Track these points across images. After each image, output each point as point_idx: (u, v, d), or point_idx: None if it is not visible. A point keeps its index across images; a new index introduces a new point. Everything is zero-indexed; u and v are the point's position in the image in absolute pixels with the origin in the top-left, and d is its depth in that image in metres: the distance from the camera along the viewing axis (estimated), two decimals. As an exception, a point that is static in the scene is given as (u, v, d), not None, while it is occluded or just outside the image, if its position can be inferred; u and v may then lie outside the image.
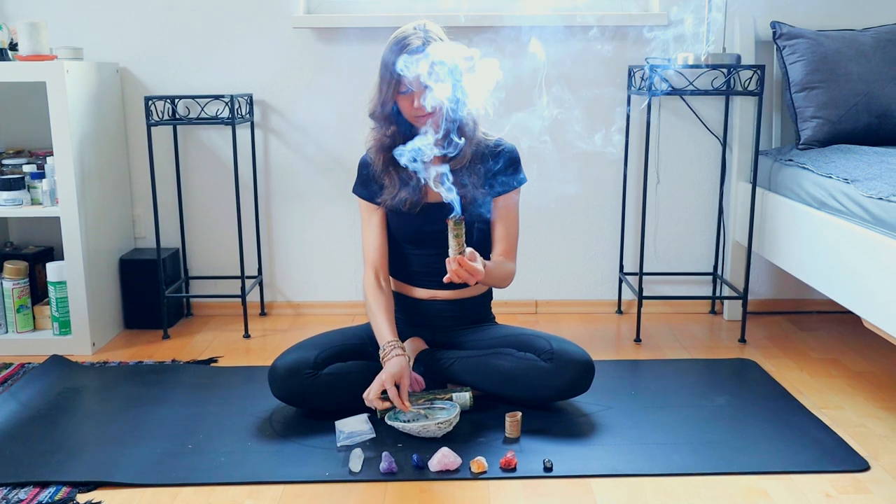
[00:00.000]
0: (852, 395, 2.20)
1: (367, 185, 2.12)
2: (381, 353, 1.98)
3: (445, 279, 1.89)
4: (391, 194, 2.07)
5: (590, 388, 2.05)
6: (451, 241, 1.85)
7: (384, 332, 2.01)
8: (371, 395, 1.93)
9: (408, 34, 1.97)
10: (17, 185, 2.51)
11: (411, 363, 2.11)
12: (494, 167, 2.10)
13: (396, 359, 1.94)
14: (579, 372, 2.01)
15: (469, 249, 1.90)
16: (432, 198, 2.09)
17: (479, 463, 1.77)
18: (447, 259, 1.87)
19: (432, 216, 2.07)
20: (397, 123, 2.04)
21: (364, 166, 2.13)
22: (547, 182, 2.90)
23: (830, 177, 2.25)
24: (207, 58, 2.82)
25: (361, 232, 2.17)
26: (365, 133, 2.12)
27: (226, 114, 2.65)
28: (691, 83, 2.56)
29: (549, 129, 2.86)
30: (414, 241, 2.11)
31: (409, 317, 2.17)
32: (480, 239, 2.12)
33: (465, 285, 1.98)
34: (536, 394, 2.03)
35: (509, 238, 2.13)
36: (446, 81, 1.95)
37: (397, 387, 1.92)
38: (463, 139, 2.01)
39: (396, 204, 2.06)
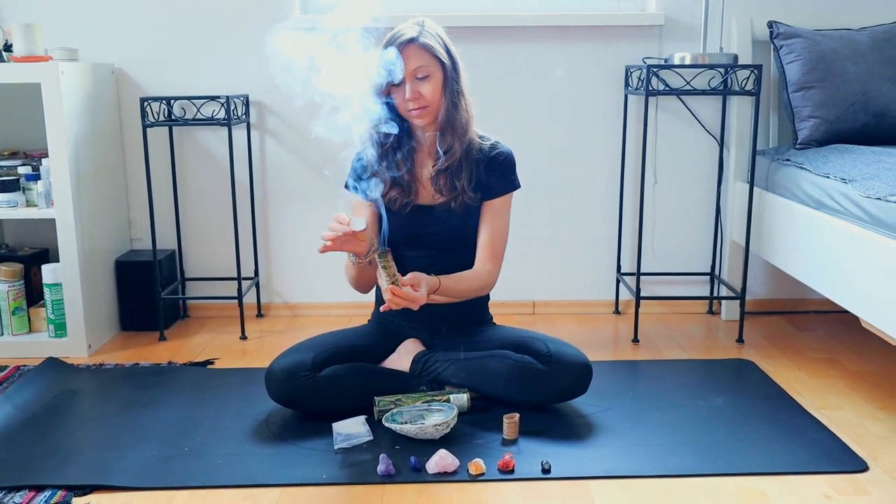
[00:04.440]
0: (850, 395, 2.20)
1: (358, 180, 2.09)
2: None
3: (382, 308, 1.88)
4: (382, 192, 2.04)
5: (587, 390, 2.05)
6: (381, 273, 1.84)
7: None
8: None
9: (404, 26, 1.98)
10: (12, 186, 2.50)
11: (408, 366, 2.11)
12: (488, 170, 2.08)
13: None
14: (576, 374, 2.01)
15: (410, 275, 1.89)
16: (423, 199, 2.09)
17: (476, 465, 1.77)
18: (382, 288, 1.86)
19: (424, 218, 2.07)
20: (392, 118, 2.02)
21: (357, 162, 2.11)
22: (544, 182, 2.90)
23: (828, 177, 2.25)
24: (203, 59, 2.81)
25: None
26: (361, 128, 2.09)
27: (222, 115, 2.64)
28: (688, 83, 2.56)
29: (546, 130, 2.87)
30: (406, 242, 2.09)
31: (405, 319, 2.16)
32: (470, 243, 2.11)
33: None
34: (534, 396, 2.02)
35: (495, 243, 2.10)
36: (438, 74, 1.96)
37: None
38: (454, 135, 2.01)
39: (387, 203, 2.04)
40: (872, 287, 1.98)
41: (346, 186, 2.14)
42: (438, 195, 2.07)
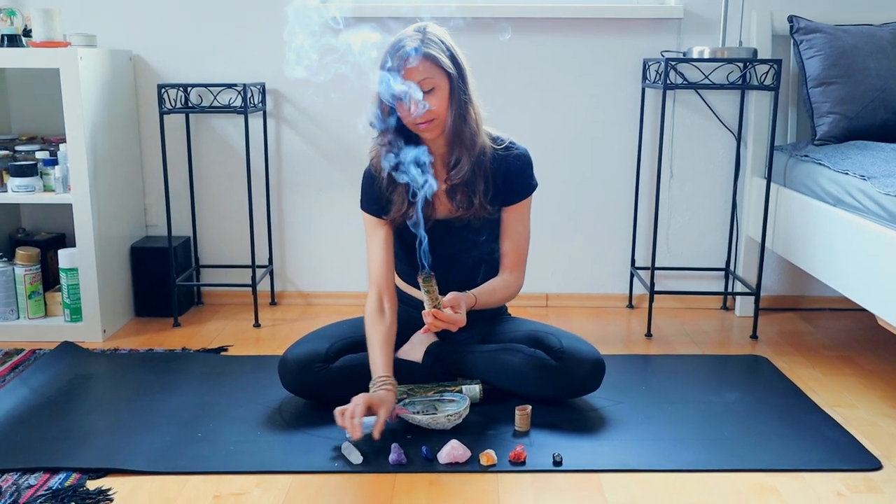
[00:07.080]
0: (865, 393, 2.19)
1: (373, 200, 2.03)
2: (371, 385, 1.90)
3: (422, 331, 1.88)
4: (399, 210, 1.99)
5: (600, 386, 2.04)
6: (424, 297, 1.83)
7: (377, 367, 1.91)
8: (346, 413, 1.80)
9: (403, 37, 1.88)
10: (29, 171, 2.51)
11: (421, 357, 2.11)
12: (506, 177, 2.01)
13: (383, 391, 1.87)
14: (589, 371, 1.99)
15: (450, 296, 1.87)
16: (441, 213, 2.03)
17: (488, 456, 1.77)
18: (423, 312, 1.84)
19: (443, 231, 2.01)
20: (398, 132, 1.94)
21: (369, 180, 2.04)
22: (559, 175, 2.89)
23: (846, 173, 2.23)
24: (220, 46, 2.81)
25: (367, 247, 2.08)
26: (369, 144, 2.04)
27: (238, 102, 2.65)
28: (707, 77, 2.54)
29: (563, 123, 2.86)
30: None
31: (419, 310, 2.15)
32: (492, 252, 2.08)
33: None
34: (545, 391, 2.02)
35: (518, 250, 2.07)
36: (444, 85, 1.88)
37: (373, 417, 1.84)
38: (462, 147, 1.94)
39: (403, 219, 1.98)
40: (889, 284, 1.97)
41: (363, 207, 2.07)
42: (455, 209, 2.02)
